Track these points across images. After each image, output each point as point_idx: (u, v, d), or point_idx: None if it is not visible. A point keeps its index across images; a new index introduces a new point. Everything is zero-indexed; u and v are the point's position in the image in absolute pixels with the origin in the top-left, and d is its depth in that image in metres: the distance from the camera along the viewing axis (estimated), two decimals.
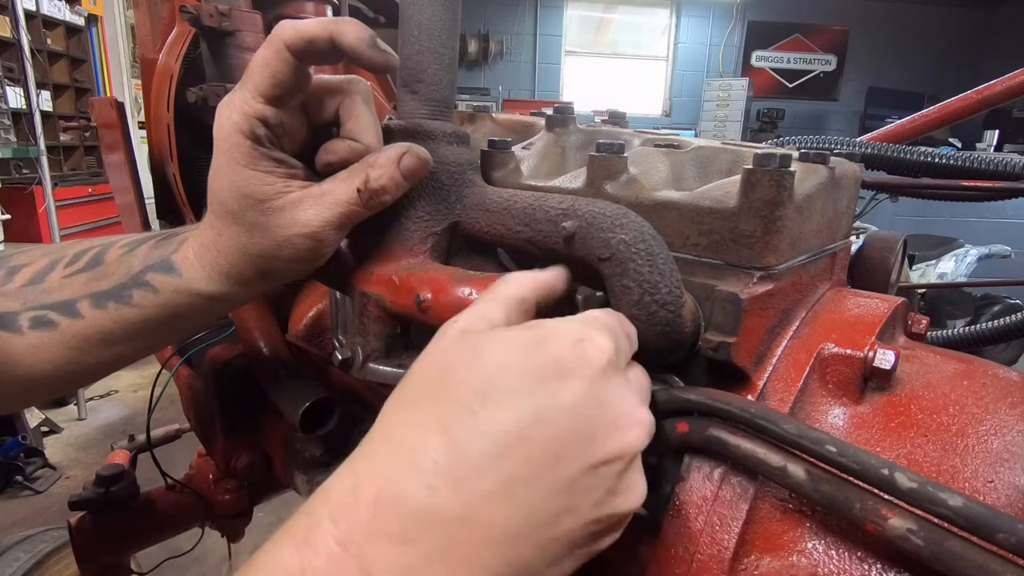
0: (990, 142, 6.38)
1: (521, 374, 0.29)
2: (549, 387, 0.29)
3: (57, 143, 4.13)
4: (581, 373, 0.29)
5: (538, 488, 0.27)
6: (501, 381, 0.29)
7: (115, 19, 4.67)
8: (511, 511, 0.27)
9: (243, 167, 0.42)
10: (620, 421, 0.30)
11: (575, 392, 0.29)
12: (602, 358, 0.30)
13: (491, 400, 0.28)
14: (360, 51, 0.40)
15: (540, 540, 0.28)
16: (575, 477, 0.28)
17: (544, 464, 0.28)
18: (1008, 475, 0.35)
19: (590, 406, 0.29)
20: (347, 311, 0.50)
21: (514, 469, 0.27)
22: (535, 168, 0.54)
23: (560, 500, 0.28)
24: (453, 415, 0.28)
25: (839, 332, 0.42)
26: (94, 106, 1.04)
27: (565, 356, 0.30)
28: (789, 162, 0.39)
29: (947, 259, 3.83)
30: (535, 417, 0.28)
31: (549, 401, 0.28)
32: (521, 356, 0.30)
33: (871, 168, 0.88)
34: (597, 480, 0.29)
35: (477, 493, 0.27)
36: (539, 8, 8.16)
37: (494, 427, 0.28)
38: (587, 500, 0.29)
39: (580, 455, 0.28)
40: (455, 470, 0.27)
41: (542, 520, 0.28)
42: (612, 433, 0.29)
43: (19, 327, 0.45)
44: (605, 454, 0.29)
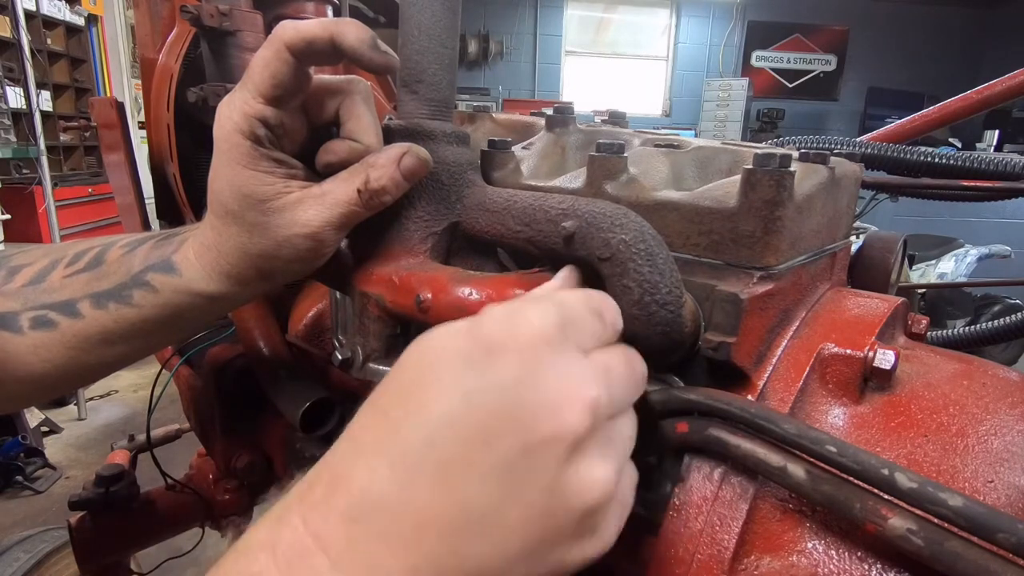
0: (990, 142, 6.38)
1: (453, 356, 0.28)
2: (479, 367, 0.28)
3: (57, 143, 4.13)
4: (508, 349, 0.28)
5: (473, 471, 0.26)
6: (437, 365, 0.28)
7: (115, 19, 4.67)
8: (448, 495, 0.26)
9: (243, 167, 0.42)
10: (555, 399, 0.27)
11: (504, 370, 0.27)
12: (532, 331, 0.28)
13: (425, 384, 0.28)
14: (360, 52, 0.40)
15: (490, 532, 0.26)
16: (510, 461, 0.26)
17: (477, 447, 0.26)
18: (1008, 475, 0.35)
19: (522, 385, 0.27)
20: (347, 311, 0.50)
21: (446, 454, 0.26)
22: (535, 168, 0.54)
23: (499, 485, 0.26)
24: (394, 400, 0.29)
25: (839, 332, 0.42)
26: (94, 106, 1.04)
27: (495, 333, 0.28)
28: (789, 162, 0.39)
29: (947, 259, 3.83)
30: (465, 400, 0.27)
31: (475, 382, 0.27)
32: (456, 338, 0.29)
33: (871, 168, 0.88)
34: (536, 464, 0.27)
35: (413, 478, 0.26)
36: (539, 8, 8.16)
37: (426, 411, 0.27)
38: (530, 487, 0.27)
39: (511, 437, 0.27)
40: (392, 453, 0.27)
41: (484, 508, 0.26)
42: (545, 412, 0.27)
43: (20, 327, 0.45)
44: (540, 435, 0.27)
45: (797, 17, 8.33)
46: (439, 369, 0.28)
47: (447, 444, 0.27)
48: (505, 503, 0.27)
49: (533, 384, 0.27)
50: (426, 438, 0.27)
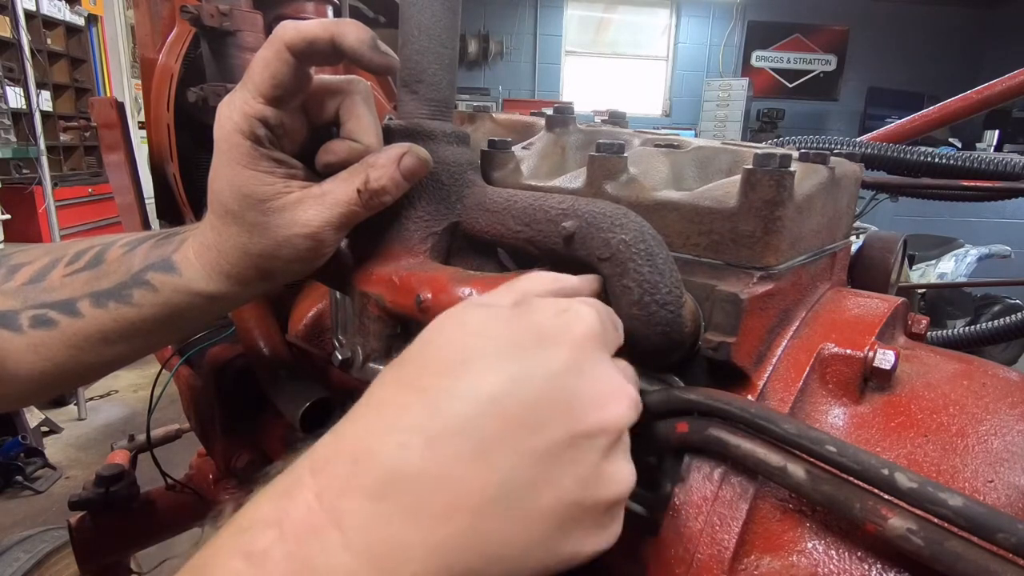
0: (990, 142, 6.38)
1: (502, 340, 0.28)
2: (529, 353, 0.28)
3: (57, 143, 4.13)
4: (562, 341, 0.29)
5: (514, 452, 0.26)
6: (482, 346, 0.28)
7: (115, 19, 4.67)
8: (485, 474, 0.26)
9: (243, 167, 0.42)
10: (603, 393, 0.29)
11: (555, 359, 0.28)
12: (585, 328, 0.30)
13: (470, 364, 0.28)
14: (361, 53, 0.40)
15: (517, 511, 0.26)
16: (554, 447, 0.27)
17: (521, 429, 0.27)
18: (1008, 475, 0.35)
19: (571, 375, 0.28)
20: (347, 311, 0.50)
21: (490, 432, 0.26)
22: (535, 168, 0.54)
23: (538, 469, 0.27)
24: (432, 377, 0.28)
25: (839, 332, 0.42)
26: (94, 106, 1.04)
27: (547, 324, 0.29)
28: (789, 162, 0.39)
29: (947, 259, 3.83)
30: (513, 382, 0.27)
31: (528, 367, 0.28)
32: (503, 323, 0.29)
33: (871, 168, 0.88)
34: (579, 454, 0.28)
35: (450, 454, 0.26)
36: (539, 8, 8.16)
37: (472, 390, 0.27)
38: (568, 475, 0.27)
39: (560, 424, 0.27)
40: (429, 430, 0.26)
41: (519, 487, 0.26)
42: (594, 405, 0.28)
43: (19, 326, 0.45)
44: (587, 426, 0.28)
45: (797, 17, 8.33)
46: (484, 349, 0.28)
47: (491, 423, 0.26)
48: (541, 487, 0.27)
49: (582, 377, 0.29)
50: (470, 416, 0.26)
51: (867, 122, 8.04)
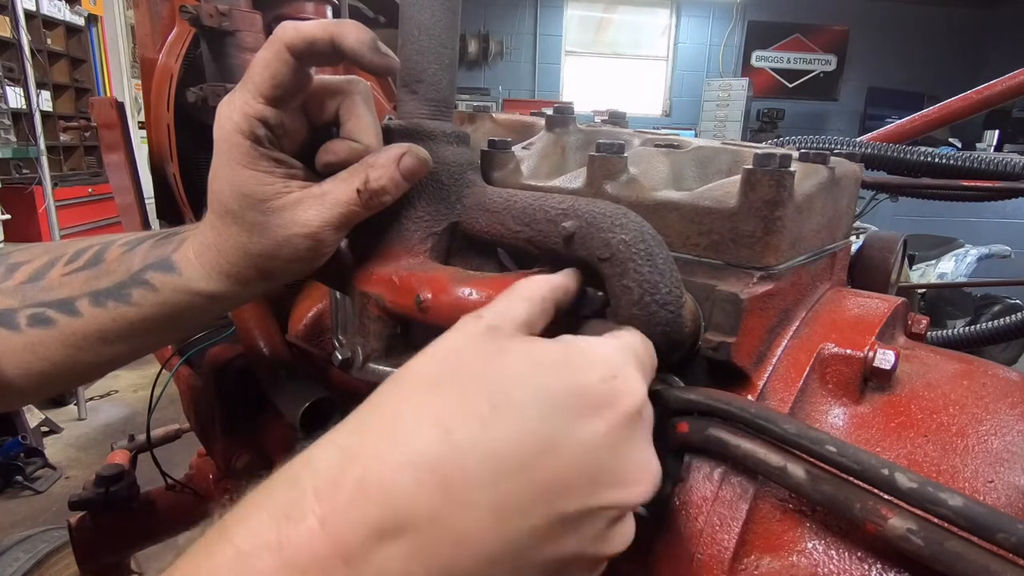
0: (990, 142, 6.38)
1: (541, 394, 0.27)
2: (567, 418, 0.27)
3: (57, 143, 4.13)
4: (605, 413, 0.28)
5: (528, 519, 0.26)
6: (518, 395, 0.27)
7: (115, 19, 4.67)
8: (495, 534, 0.26)
9: (243, 167, 0.42)
10: (631, 474, 0.29)
11: (594, 432, 0.27)
12: (631, 404, 0.29)
13: (503, 413, 0.26)
14: (361, 54, 0.40)
15: (517, 564, 0.27)
16: (569, 517, 0.27)
17: (541, 497, 0.26)
18: (1008, 475, 0.35)
19: (605, 450, 0.28)
20: (347, 311, 0.50)
21: (509, 494, 0.26)
22: (535, 168, 0.54)
23: (547, 534, 0.27)
24: (459, 416, 0.26)
25: (839, 332, 0.42)
26: (94, 106, 1.04)
27: (593, 390, 0.28)
28: (789, 162, 0.39)
29: (947, 259, 3.83)
30: (545, 446, 0.26)
31: (564, 434, 0.27)
32: (546, 375, 0.28)
33: (871, 168, 0.88)
34: (590, 524, 0.28)
35: (465, 504, 0.25)
36: (539, 8, 8.16)
37: (499, 443, 0.26)
38: (574, 539, 0.28)
39: (581, 498, 0.27)
40: (448, 473, 0.25)
41: (524, 547, 0.26)
42: (618, 483, 0.28)
43: (17, 324, 0.45)
44: (607, 502, 0.28)
45: (797, 17, 8.33)
46: (523, 400, 0.27)
47: (513, 486, 0.26)
48: (547, 546, 0.27)
49: (616, 455, 0.28)
50: (493, 471, 0.26)
51: (867, 122, 8.04)
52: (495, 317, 0.31)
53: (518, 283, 0.35)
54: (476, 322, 0.31)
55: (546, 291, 0.35)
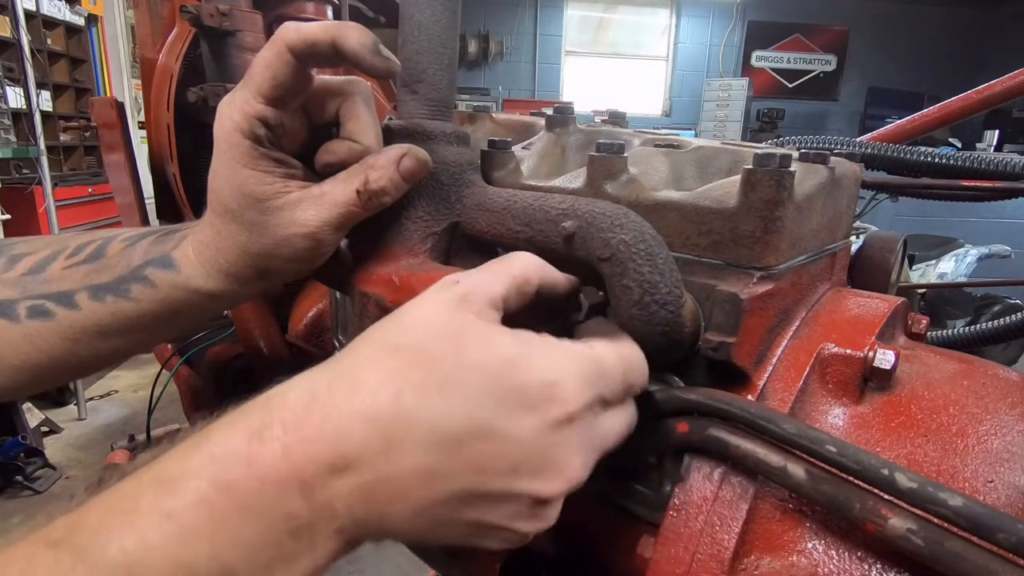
0: (990, 142, 6.38)
1: (486, 385, 0.30)
2: (503, 411, 0.30)
3: (57, 143, 4.13)
4: (536, 414, 0.31)
5: (452, 485, 0.30)
6: (467, 380, 0.30)
7: (115, 19, 4.67)
8: (423, 491, 0.30)
9: (242, 166, 0.42)
10: (549, 469, 0.31)
11: (523, 428, 0.30)
12: (565, 409, 0.31)
13: (450, 391, 0.30)
14: (361, 56, 0.40)
15: (443, 518, 0.31)
16: (490, 493, 0.31)
17: (466, 471, 0.30)
18: (1008, 475, 0.35)
19: (529, 446, 0.31)
20: (347, 311, 0.50)
21: (439, 461, 0.30)
22: (535, 168, 0.54)
23: (468, 502, 0.31)
24: (411, 384, 0.30)
25: (839, 332, 0.42)
26: (94, 106, 1.04)
27: (531, 391, 0.31)
28: (789, 162, 0.39)
29: (947, 259, 3.82)
30: (478, 430, 0.30)
31: (497, 424, 0.30)
32: (496, 368, 0.31)
33: (871, 168, 0.88)
34: (509, 504, 0.31)
35: (402, 459, 0.29)
36: (539, 8, 8.16)
37: (440, 416, 0.29)
38: (494, 513, 0.31)
39: (501, 480, 0.31)
40: (392, 430, 0.29)
41: (447, 508, 0.30)
42: (537, 476, 0.31)
43: (16, 315, 0.45)
44: (523, 490, 0.31)
45: (797, 17, 8.33)
46: (470, 385, 0.30)
47: (443, 457, 0.30)
48: (467, 512, 0.31)
49: (539, 451, 0.31)
50: (430, 441, 0.29)
51: (867, 122, 8.04)
52: (470, 288, 0.33)
53: (512, 255, 0.37)
54: (451, 288, 0.33)
55: (532, 274, 0.36)
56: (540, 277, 0.36)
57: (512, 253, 0.37)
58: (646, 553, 0.38)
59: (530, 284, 0.36)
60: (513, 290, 0.35)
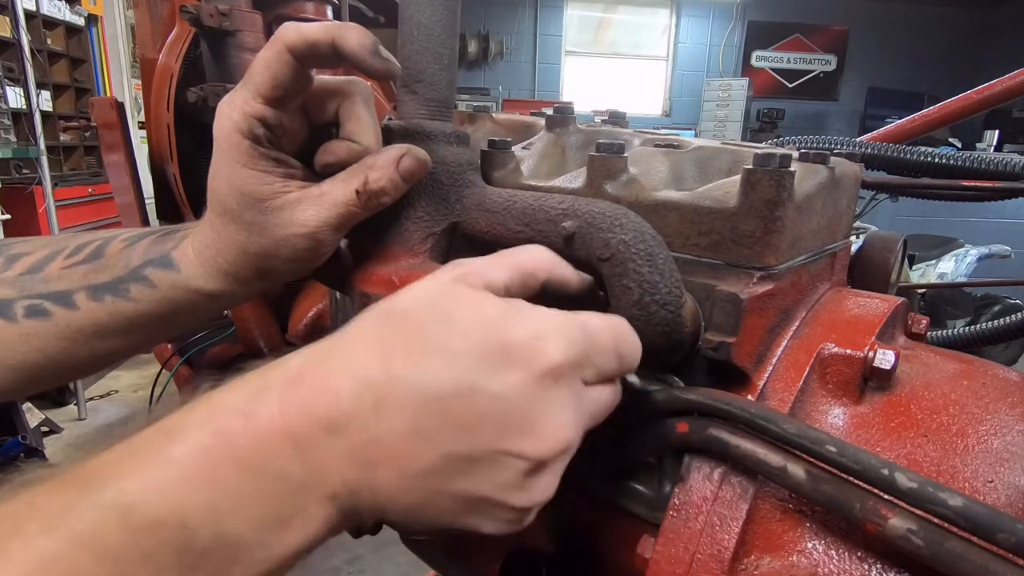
0: (990, 142, 6.37)
1: (472, 345, 0.30)
2: (488, 369, 0.30)
3: (57, 143, 4.12)
4: (521, 369, 0.30)
5: (440, 448, 0.30)
6: (453, 343, 0.30)
7: (115, 19, 4.66)
8: (413, 451, 0.30)
9: (242, 166, 0.42)
10: (537, 428, 0.31)
11: (508, 383, 0.30)
12: (549, 363, 0.31)
13: (436, 355, 0.30)
14: (362, 57, 0.40)
15: (431, 486, 0.31)
16: (478, 454, 0.30)
17: (454, 430, 0.30)
18: (1008, 475, 0.35)
19: (515, 400, 0.30)
20: (347, 311, 0.50)
21: (426, 421, 0.30)
22: (535, 168, 0.54)
23: (458, 465, 0.30)
24: (400, 349, 0.30)
25: (839, 332, 0.42)
26: (94, 106, 1.04)
27: (516, 346, 0.31)
28: (789, 162, 0.39)
29: (947, 259, 3.82)
30: (463, 389, 0.30)
31: (482, 382, 0.30)
32: (481, 329, 0.31)
33: (871, 168, 0.88)
34: (499, 466, 0.31)
35: (391, 421, 0.30)
36: (539, 8, 8.16)
37: (426, 378, 0.30)
38: (485, 479, 0.31)
39: (489, 439, 0.30)
40: (381, 392, 0.30)
41: (438, 472, 0.30)
42: (525, 434, 0.31)
43: (14, 315, 0.45)
44: (514, 449, 0.31)
45: (797, 17, 8.33)
46: (456, 346, 0.30)
47: (432, 415, 0.30)
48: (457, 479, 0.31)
49: (527, 406, 0.31)
50: (417, 401, 0.30)
51: (867, 122, 8.03)
52: (470, 269, 0.34)
53: (525, 248, 0.37)
54: (450, 271, 0.34)
55: (540, 268, 0.36)
56: (548, 272, 0.36)
57: (526, 245, 0.37)
58: (646, 553, 0.38)
59: (535, 278, 0.35)
60: (517, 280, 0.35)
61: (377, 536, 0.44)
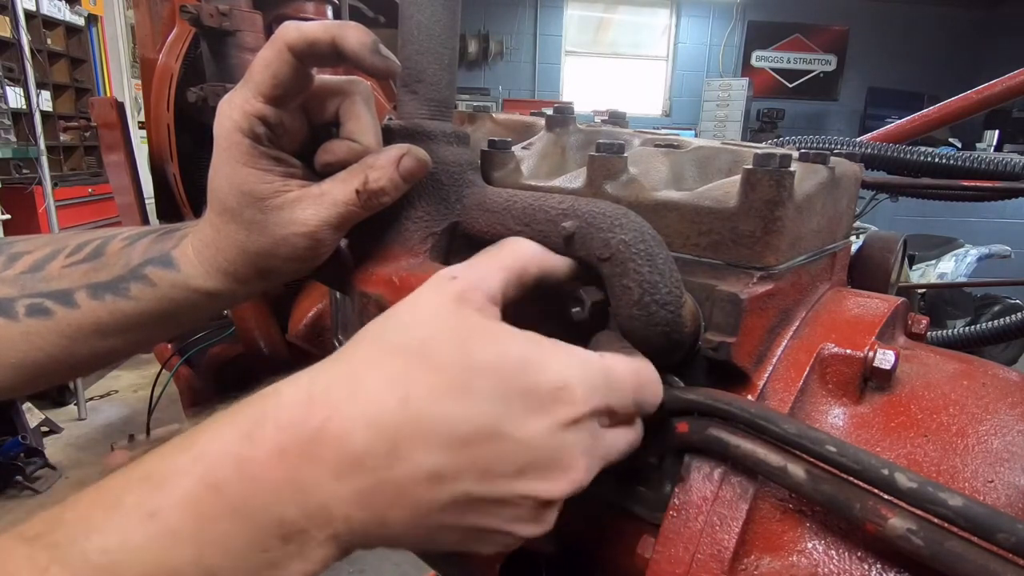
0: (990, 142, 6.38)
1: (496, 390, 0.30)
2: (512, 414, 0.30)
3: (57, 143, 4.12)
4: (545, 417, 0.31)
5: (459, 487, 0.29)
6: (476, 384, 0.30)
7: (115, 19, 4.67)
8: (428, 494, 0.29)
9: (242, 165, 0.42)
10: (555, 471, 0.31)
11: (531, 430, 0.30)
12: (573, 412, 0.31)
13: (459, 395, 0.29)
14: (361, 56, 0.40)
15: (444, 525, 0.30)
16: (494, 496, 0.30)
17: (473, 472, 0.30)
18: (1008, 475, 0.35)
19: (537, 448, 0.30)
20: (347, 311, 0.50)
21: (447, 463, 0.29)
22: (535, 168, 0.54)
23: (472, 508, 0.30)
24: (419, 388, 0.29)
25: (839, 332, 0.42)
26: (94, 106, 1.04)
27: (540, 394, 0.31)
28: (789, 162, 0.39)
29: (947, 259, 3.82)
30: (487, 432, 0.30)
31: (506, 426, 0.30)
32: (507, 372, 0.30)
33: (871, 168, 0.88)
34: (512, 506, 0.31)
35: (408, 464, 0.28)
36: (539, 8, 8.16)
37: (449, 419, 0.29)
38: (496, 515, 0.31)
39: (507, 482, 0.30)
40: (398, 436, 0.28)
41: (451, 511, 0.30)
42: (542, 478, 0.31)
43: (15, 313, 0.45)
44: (529, 492, 0.31)
45: (797, 17, 8.33)
46: (480, 388, 0.30)
47: (450, 458, 0.29)
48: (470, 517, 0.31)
49: (546, 453, 0.31)
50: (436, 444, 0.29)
51: (867, 122, 8.03)
52: (467, 285, 0.33)
53: (507, 242, 0.37)
54: (447, 285, 0.33)
55: (530, 263, 0.36)
56: (539, 265, 0.36)
57: (507, 239, 0.37)
58: (646, 553, 0.38)
59: (528, 273, 0.36)
60: (512, 281, 0.35)
61: None
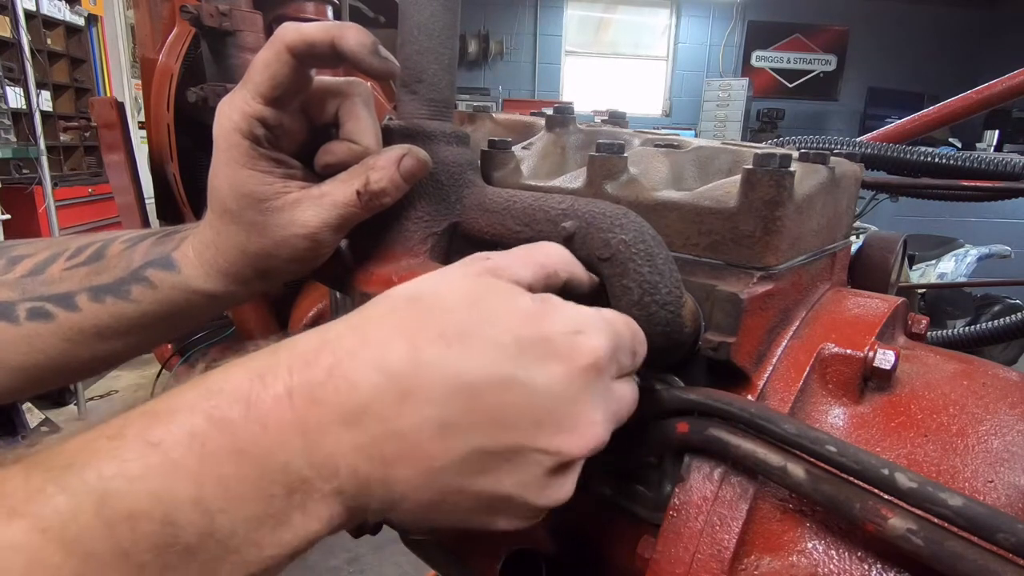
0: (990, 142, 6.38)
1: (508, 337, 0.29)
2: (526, 361, 0.29)
3: (57, 143, 4.13)
4: (562, 363, 0.30)
5: (468, 443, 0.28)
6: (488, 332, 0.29)
7: (115, 19, 4.67)
8: (436, 445, 0.28)
9: (242, 166, 0.42)
10: (573, 424, 0.30)
11: (546, 377, 0.29)
12: (589, 358, 0.30)
13: (470, 344, 0.29)
14: (361, 57, 0.40)
15: (453, 484, 0.29)
16: (508, 451, 0.29)
17: (486, 425, 0.28)
18: (1008, 475, 0.35)
19: (551, 397, 0.29)
20: (347, 311, 0.50)
21: (457, 415, 0.28)
22: (535, 168, 0.54)
23: (485, 461, 0.29)
24: (430, 337, 0.29)
25: (839, 332, 0.42)
26: (94, 106, 1.04)
27: (555, 340, 0.30)
28: (789, 162, 0.39)
29: (947, 259, 3.82)
30: (500, 381, 0.28)
31: (520, 374, 0.29)
32: (518, 320, 0.30)
33: (871, 168, 0.88)
34: (527, 464, 0.30)
35: (416, 413, 0.28)
36: (539, 8, 8.16)
37: (459, 368, 0.28)
38: (510, 478, 0.30)
39: (521, 434, 0.29)
40: (407, 383, 0.28)
41: (463, 469, 0.29)
42: (560, 431, 0.30)
43: (16, 317, 0.45)
44: (545, 445, 0.29)
45: (797, 17, 8.33)
46: (489, 336, 0.29)
47: (463, 409, 0.28)
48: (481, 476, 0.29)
49: (564, 402, 0.30)
50: (447, 392, 0.28)
51: (867, 122, 8.03)
52: (498, 265, 0.33)
53: (543, 244, 0.36)
54: (479, 262, 0.33)
55: (562, 268, 0.36)
56: (569, 272, 0.36)
57: (543, 242, 0.37)
58: (646, 553, 0.38)
59: (558, 277, 0.35)
60: (541, 278, 0.34)
61: (377, 536, 0.44)
